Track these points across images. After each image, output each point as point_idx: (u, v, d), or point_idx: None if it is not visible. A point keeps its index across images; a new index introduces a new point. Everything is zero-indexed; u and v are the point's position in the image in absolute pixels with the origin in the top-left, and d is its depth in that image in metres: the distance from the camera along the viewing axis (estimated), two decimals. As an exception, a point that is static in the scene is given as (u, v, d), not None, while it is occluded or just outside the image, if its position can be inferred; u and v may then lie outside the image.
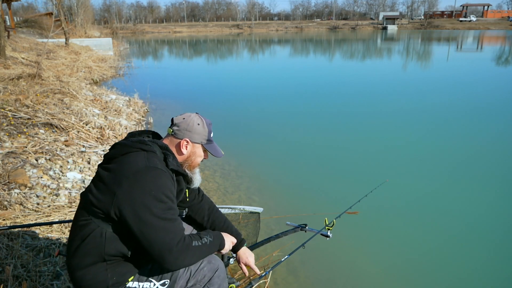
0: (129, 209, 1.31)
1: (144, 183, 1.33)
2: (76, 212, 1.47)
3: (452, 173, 4.59)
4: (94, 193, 1.36)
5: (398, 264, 2.97)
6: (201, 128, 1.59)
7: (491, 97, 9.11)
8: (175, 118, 1.62)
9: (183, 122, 1.59)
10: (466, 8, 75.65)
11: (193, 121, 1.59)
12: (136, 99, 8.01)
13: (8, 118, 4.57)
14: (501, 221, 3.50)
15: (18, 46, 12.49)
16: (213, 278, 1.57)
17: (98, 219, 1.36)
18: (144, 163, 1.37)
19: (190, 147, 1.59)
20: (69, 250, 1.42)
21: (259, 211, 2.40)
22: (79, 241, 1.38)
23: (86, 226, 1.37)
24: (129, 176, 1.33)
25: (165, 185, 1.38)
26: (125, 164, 1.38)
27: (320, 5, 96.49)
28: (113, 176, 1.36)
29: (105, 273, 1.39)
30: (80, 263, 1.38)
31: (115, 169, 1.38)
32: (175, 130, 1.58)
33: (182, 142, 1.57)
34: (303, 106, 8.39)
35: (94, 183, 1.41)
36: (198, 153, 1.62)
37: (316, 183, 4.41)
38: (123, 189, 1.31)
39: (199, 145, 1.61)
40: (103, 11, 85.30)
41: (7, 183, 3.17)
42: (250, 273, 2.69)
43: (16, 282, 2.11)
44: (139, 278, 1.45)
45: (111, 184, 1.34)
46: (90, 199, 1.36)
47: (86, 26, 32.12)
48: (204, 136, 1.61)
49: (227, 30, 72.68)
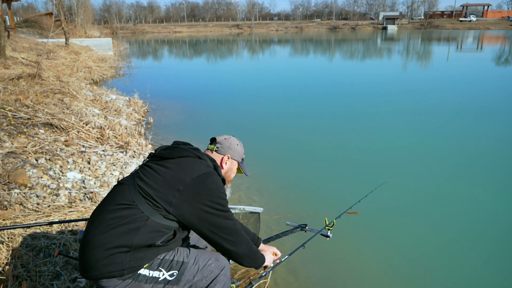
0: (196, 206, 1.44)
1: (209, 184, 1.48)
2: (109, 197, 1.51)
3: (452, 173, 4.59)
4: (149, 183, 1.44)
5: (398, 264, 2.97)
6: (239, 148, 1.83)
7: (491, 97, 9.11)
8: (218, 138, 1.84)
9: (225, 141, 1.80)
10: (466, 8, 75.64)
11: (234, 142, 1.82)
12: (136, 99, 8.01)
13: (8, 118, 4.57)
14: (501, 221, 3.50)
15: (18, 46, 12.49)
16: (220, 276, 1.61)
17: (146, 206, 1.41)
18: (205, 168, 1.53)
19: (229, 163, 1.78)
20: (96, 228, 1.41)
21: (259, 211, 2.40)
22: (114, 221, 1.40)
23: (128, 209, 1.41)
24: (193, 176, 1.46)
25: (223, 190, 1.56)
26: (185, 165, 1.50)
27: (320, 5, 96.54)
28: (174, 174, 1.46)
29: (124, 256, 1.40)
30: (107, 243, 1.38)
31: (175, 168, 1.49)
32: (218, 146, 1.79)
33: (224, 158, 1.76)
34: (303, 106, 8.40)
35: (145, 174, 1.48)
36: (234, 170, 1.83)
37: (316, 183, 4.41)
38: (189, 187, 1.43)
39: (236, 162, 1.82)
40: (103, 11, 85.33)
41: (7, 183, 3.17)
42: (250, 273, 2.68)
43: (16, 282, 2.11)
44: (151, 266, 1.48)
45: (173, 180, 1.44)
46: (144, 188, 1.43)
47: (86, 26, 32.12)
48: (241, 155, 1.84)
49: (227, 30, 72.68)
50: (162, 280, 1.49)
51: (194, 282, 1.56)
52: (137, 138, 5.29)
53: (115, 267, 1.39)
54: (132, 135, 5.33)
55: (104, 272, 1.38)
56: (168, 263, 1.51)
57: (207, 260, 1.59)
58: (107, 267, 1.38)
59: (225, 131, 7.17)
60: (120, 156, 4.50)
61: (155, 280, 1.48)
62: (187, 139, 1.78)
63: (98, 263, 1.38)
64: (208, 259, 1.60)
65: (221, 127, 6.65)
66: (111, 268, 1.39)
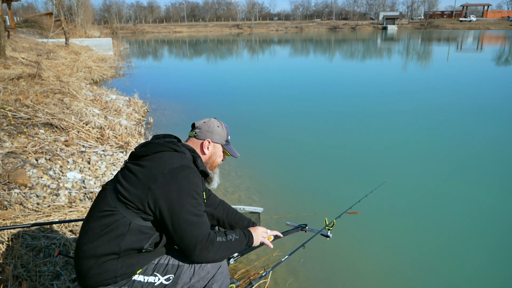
0: (165, 204, 1.39)
1: (180, 180, 1.43)
2: (95, 203, 1.50)
3: (452, 173, 4.59)
4: (125, 186, 1.42)
5: (398, 264, 2.97)
6: (220, 130, 1.74)
7: (491, 97, 9.11)
8: (196, 122, 1.76)
9: (204, 124, 1.73)
10: (466, 8, 75.65)
11: (213, 124, 1.74)
12: (136, 99, 8.01)
13: (8, 118, 4.57)
14: (501, 221, 3.50)
15: (18, 46, 12.49)
16: (216, 275, 1.60)
17: (126, 210, 1.41)
18: (179, 162, 1.47)
19: (211, 147, 1.72)
20: (85, 238, 1.43)
21: (259, 211, 2.40)
22: (99, 230, 1.40)
23: (111, 216, 1.41)
24: (165, 173, 1.41)
25: (197, 184, 1.49)
26: (160, 161, 1.46)
27: (320, 5, 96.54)
28: (147, 172, 1.43)
29: (116, 262, 1.40)
30: (95, 252, 1.39)
31: (149, 165, 1.45)
32: (197, 132, 1.72)
33: (205, 143, 1.70)
34: (303, 106, 8.39)
35: (124, 176, 1.47)
36: (218, 154, 1.75)
37: (316, 183, 4.41)
38: (159, 184, 1.40)
39: (219, 145, 1.75)
40: (103, 11, 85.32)
41: (7, 183, 3.17)
42: (250, 273, 2.68)
43: (16, 282, 2.10)
44: (146, 272, 1.48)
45: (146, 179, 1.41)
46: (120, 191, 1.42)
47: (86, 26, 32.12)
48: (224, 137, 1.76)
49: (227, 30, 72.68)
50: (159, 284, 1.48)
51: (191, 284, 1.55)
52: (137, 138, 5.29)
53: (108, 275, 1.40)
54: (132, 135, 5.33)
55: (98, 281, 1.39)
56: (163, 267, 1.50)
57: None
58: (100, 276, 1.39)
59: (225, 131, 6.95)
60: (120, 156, 4.50)
61: (151, 285, 1.47)
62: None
63: (91, 272, 1.39)
64: None
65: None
66: (105, 276, 1.39)
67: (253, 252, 2.66)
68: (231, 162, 4.91)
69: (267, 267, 2.74)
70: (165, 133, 1.73)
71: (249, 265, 2.81)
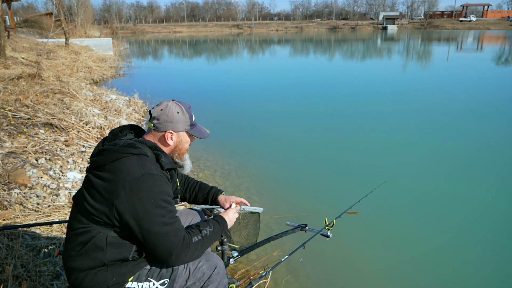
0: (131, 219, 1.33)
1: (143, 192, 1.33)
2: (70, 217, 1.46)
3: (452, 173, 4.59)
4: (90, 202, 1.35)
5: (398, 264, 2.97)
6: (181, 116, 1.56)
7: (491, 97, 9.11)
8: (153, 111, 1.56)
9: (162, 114, 1.54)
10: (466, 8, 75.66)
11: (172, 111, 1.55)
12: (136, 99, 8.01)
13: (8, 118, 4.57)
14: (501, 221, 3.50)
15: (18, 46, 12.49)
16: (212, 276, 1.58)
17: (99, 225, 1.37)
18: (139, 170, 1.35)
19: (175, 137, 1.57)
20: (67, 254, 1.42)
21: (259, 211, 2.40)
22: (78, 247, 1.38)
23: (86, 233, 1.37)
24: (125, 186, 1.32)
25: (163, 191, 1.39)
26: (118, 172, 1.35)
27: (320, 5, 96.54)
28: (108, 186, 1.34)
29: (105, 273, 1.39)
30: (81, 267, 1.39)
31: (109, 178, 1.35)
32: (156, 124, 1.54)
33: (167, 135, 1.55)
34: (303, 106, 8.39)
35: (87, 191, 1.38)
36: (185, 140, 1.61)
37: (316, 183, 4.41)
38: (122, 200, 1.31)
39: (184, 132, 1.60)
40: (103, 11, 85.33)
41: (7, 183, 3.17)
42: (250, 273, 2.68)
43: (16, 282, 2.10)
44: (139, 278, 1.46)
45: (107, 194, 1.33)
46: (87, 208, 1.35)
47: (86, 26, 32.12)
48: (187, 122, 1.59)
49: (227, 30, 72.68)
50: None
51: (187, 286, 1.54)
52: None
53: (100, 286, 1.39)
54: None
55: None
56: (157, 272, 1.48)
57: (197, 263, 1.54)
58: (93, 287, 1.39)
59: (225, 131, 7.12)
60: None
61: None
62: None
63: (82, 284, 1.39)
64: (198, 261, 1.54)
65: (221, 126, 6.64)
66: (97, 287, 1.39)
67: (253, 252, 2.66)
68: (231, 162, 4.91)
69: (267, 267, 2.74)
70: (122, 126, 1.62)
71: (249, 265, 2.81)
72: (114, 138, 1.53)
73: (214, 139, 5.97)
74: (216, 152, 5.27)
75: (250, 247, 2.16)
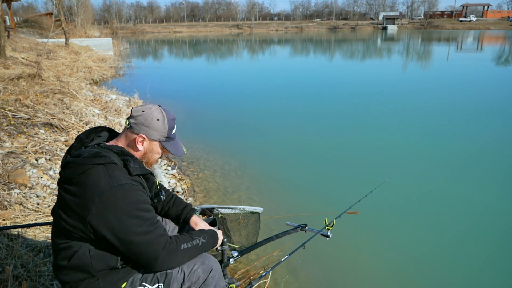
0: (108, 232, 1.29)
1: (114, 204, 1.28)
2: (52, 232, 1.43)
3: (452, 173, 4.59)
4: (65, 219, 1.31)
5: (398, 264, 2.97)
6: (160, 125, 1.47)
7: (491, 97, 9.11)
8: (134, 109, 1.47)
9: (141, 115, 1.44)
10: (466, 8, 75.65)
11: (152, 116, 1.45)
12: (136, 99, 8.01)
13: (8, 118, 4.57)
14: (501, 221, 3.50)
15: (18, 46, 12.49)
16: (208, 279, 1.55)
17: (79, 241, 1.34)
18: (107, 182, 1.28)
19: (146, 143, 1.48)
20: (56, 267, 1.41)
21: (259, 211, 2.40)
22: (64, 261, 1.37)
23: (69, 248, 1.35)
24: (95, 201, 1.26)
25: (136, 200, 1.33)
26: (86, 185, 1.29)
27: (320, 5, 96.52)
28: (78, 202, 1.29)
29: (97, 283, 1.38)
30: (71, 280, 1.38)
31: (78, 193, 1.30)
32: (132, 123, 1.45)
33: (138, 138, 1.45)
34: (303, 106, 8.39)
35: (60, 207, 1.34)
36: (155, 150, 1.52)
37: (316, 183, 4.41)
38: (94, 215, 1.27)
39: (157, 142, 1.50)
40: (103, 11, 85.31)
41: (7, 183, 3.17)
42: (250, 273, 2.68)
43: (16, 282, 2.10)
44: (132, 283, 1.44)
45: (79, 210, 1.28)
46: (63, 225, 1.32)
47: (86, 26, 32.12)
48: (163, 133, 1.49)
49: (227, 30, 72.68)
50: None
51: None
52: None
53: None
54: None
55: None
56: (151, 277, 1.46)
57: (192, 266, 1.52)
58: None
59: (225, 131, 7.12)
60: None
61: None
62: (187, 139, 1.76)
63: None
64: (193, 264, 1.52)
65: (221, 126, 6.64)
66: None
67: (253, 252, 2.66)
68: (231, 162, 4.91)
69: (267, 267, 2.74)
70: (89, 129, 1.54)
71: (249, 265, 2.81)
72: (80, 146, 1.45)
73: (214, 139, 5.97)
74: (216, 152, 5.27)
75: (250, 247, 2.16)
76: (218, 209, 2.11)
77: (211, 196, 3.93)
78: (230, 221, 2.32)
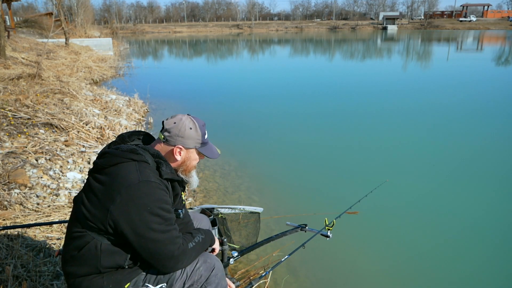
0: (126, 225, 1.31)
1: (139, 199, 1.30)
2: (70, 220, 1.45)
3: (452, 173, 4.59)
4: (87, 206, 1.34)
5: (398, 264, 2.97)
6: (193, 133, 1.54)
7: (491, 97, 9.11)
8: (166, 123, 1.54)
9: (174, 127, 1.51)
10: (466, 8, 75.66)
11: (185, 126, 1.52)
12: (136, 99, 8.01)
13: (8, 118, 4.57)
14: (501, 221, 3.50)
15: (18, 46, 12.49)
16: (210, 277, 1.56)
17: (92, 232, 1.35)
18: (137, 177, 1.33)
19: (184, 153, 1.54)
20: (65, 257, 1.42)
21: (259, 211, 2.40)
22: (74, 251, 1.38)
23: (81, 238, 1.36)
24: (121, 191, 1.29)
25: (160, 198, 1.36)
26: (116, 176, 1.33)
27: (320, 5, 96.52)
28: (105, 190, 1.32)
29: (101, 280, 1.39)
30: (76, 272, 1.39)
31: (106, 182, 1.33)
32: (167, 136, 1.52)
33: (175, 149, 1.52)
34: (303, 106, 8.39)
35: (86, 194, 1.37)
36: (193, 157, 1.58)
37: (316, 183, 4.41)
38: (117, 205, 1.29)
39: (193, 149, 1.57)
40: (103, 11, 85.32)
41: (7, 183, 3.17)
42: (250, 273, 2.69)
43: (16, 282, 2.10)
44: (136, 284, 1.44)
45: (104, 198, 1.31)
46: (83, 212, 1.34)
47: (86, 26, 32.11)
48: (198, 140, 1.56)
49: (227, 30, 72.68)
50: None
51: None
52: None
53: None
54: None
55: None
56: (154, 278, 1.47)
57: (194, 264, 1.53)
58: None
59: (225, 131, 7.12)
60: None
61: None
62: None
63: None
64: (195, 263, 1.53)
65: (221, 127, 6.64)
66: None
67: (253, 252, 2.66)
68: (231, 162, 4.91)
69: (267, 267, 2.74)
70: (132, 131, 1.61)
71: (249, 265, 2.81)
72: (121, 143, 1.52)
73: (214, 139, 5.96)
74: (216, 152, 5.26)
75: (250, 247, 2.16)
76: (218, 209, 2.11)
77: (211, 196, 3.93)
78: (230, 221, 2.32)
